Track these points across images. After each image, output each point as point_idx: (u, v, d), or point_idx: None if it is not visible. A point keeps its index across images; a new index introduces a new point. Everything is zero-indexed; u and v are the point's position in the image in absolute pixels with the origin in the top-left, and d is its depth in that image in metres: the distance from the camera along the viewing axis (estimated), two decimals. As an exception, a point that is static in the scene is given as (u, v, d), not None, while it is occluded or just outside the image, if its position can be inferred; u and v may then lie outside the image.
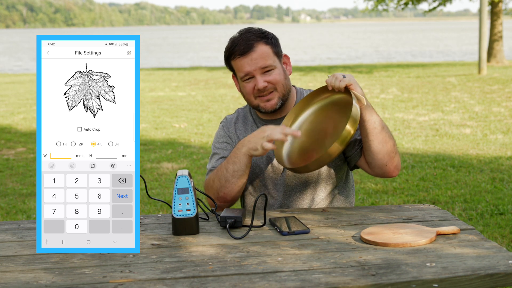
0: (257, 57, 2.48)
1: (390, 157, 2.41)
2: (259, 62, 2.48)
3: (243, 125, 2.65)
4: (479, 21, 17.03)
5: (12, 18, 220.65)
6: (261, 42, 2.50)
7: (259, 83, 2.48)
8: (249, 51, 2.48)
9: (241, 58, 2.50)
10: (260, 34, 2.52)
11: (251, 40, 2.49)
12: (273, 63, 2.50)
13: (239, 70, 2.53)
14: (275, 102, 2.52)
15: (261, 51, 2.49)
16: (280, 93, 2.53)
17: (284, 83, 2.54)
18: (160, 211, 5.30)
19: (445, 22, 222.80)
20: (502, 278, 1.72)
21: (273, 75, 2.50)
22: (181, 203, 2.14)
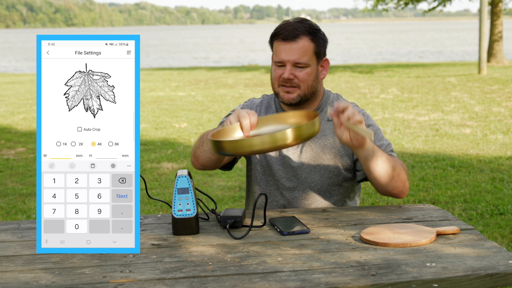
0: (296, 49, 2.48)
1: (391, 181, 2.37)
2: (295, 55, 2.48)
3: (265, 111, 2.65)
4: (479, 21, 17.03)
5: (12, 18, 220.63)
6: (307, 37, 2.49)
7: (285, 73, 2.49)
8: (291, 40, 2.48)
9: (282, 43, 2.50)
10: (310, 29, 2.51)
11: (299, 30, 2.49)
12: (308, 61, 2.50)
13: (275, 53, 2.53)
14: (293, 97, 2.52)
15: (302, 45, 2.49)
16: (302, 92, 2.52)
17: (310, 84, 2.52)
18: (160, 211, 5.30)
19: (445, 22, 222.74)
20: (502, 278, 1.72)
21: (303, 72, 2.50)
22: (181, 203, 2.14)
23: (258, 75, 19.15)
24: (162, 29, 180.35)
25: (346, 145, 2.23)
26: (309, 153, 2.56)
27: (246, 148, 2.02)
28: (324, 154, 2.55)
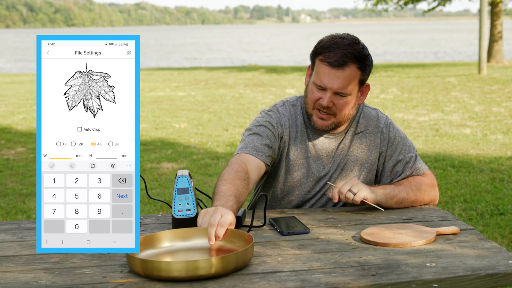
0: (342, 77, 2.35)
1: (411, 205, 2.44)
2: (339, 84, 2.36)
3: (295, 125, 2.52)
4: (479, 21, 17.03)
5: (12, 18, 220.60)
6: (355, 65, 2.36)
7: (325, 100, 2.38)
8: (338, 67, 2.34)
9: (327, 67, 2.36)
10: (360, 56, 2.37)
11: (349, 57, 2.34)
12: (351, 90, 2.39)
13: (318, 74, 2.39)
14: (327, 124, 2.44)
15: (349, 74, 2.36)
16: (337, 120, 2.43)
17: (348, 113, 2.43)
18: (160, 211, 5.30)
19: (445, 22, 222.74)
20: (502, 278, 1.72)
21: (342, 101, 2.39)
22: (181, 203, 2.14)
23: (258, 75, 19.15)
24: (162, 29, 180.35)
25: None
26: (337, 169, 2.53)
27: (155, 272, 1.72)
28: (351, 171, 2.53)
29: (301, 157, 2.51)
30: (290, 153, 2.51)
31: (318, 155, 2.51)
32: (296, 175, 2.51)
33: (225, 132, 9.05)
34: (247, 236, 1.87)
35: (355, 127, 2.54)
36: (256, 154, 2.38)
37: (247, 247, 1.77)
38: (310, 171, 2.51)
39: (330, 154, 2.52)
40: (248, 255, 1.78)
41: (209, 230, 1.89)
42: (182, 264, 1.68)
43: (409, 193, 2.42)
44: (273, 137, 2.46)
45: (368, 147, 2.53)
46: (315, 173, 2.51)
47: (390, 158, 2.53)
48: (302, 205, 2.54)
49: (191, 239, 1.95)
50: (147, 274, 1.73)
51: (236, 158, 2.35)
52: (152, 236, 1.94)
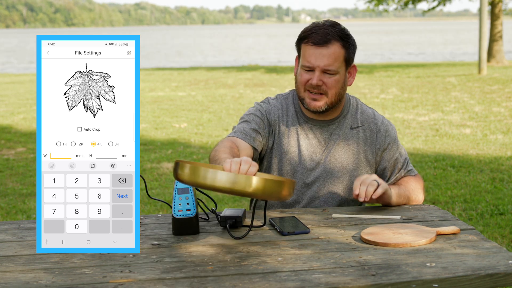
0: (327, 54, 2.41)
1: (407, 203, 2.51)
2: (325, 61, 2.41)
3: (286, 115, 2.56)
4: (479, 21, 17.03)
5: (12, 18, 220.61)
6: (339, 43, 2.42)
7: (314, 79, 2.42)
8: (323, 45, 2.41)
9: (312, 47, 2.42)
10: (342, 35, 2.44)
11: (331, 35, 2.41)
12: (338, 68, 2.43)
13: (304, 56, 2.45)
14: (320, 105, 2.46)
15: (334, 51, 2.42)
16: (329, 100, 2.46)
17: (338, 92, 2.47)
18: (160, 211, 5.30)
19: (445, 22, 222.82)
20: (502, 278, 1.72)
21: (331, 79, 2.44)
22: (181, 203, 2.14)
23: (258, 75, 19.15)
24: (162, 29, 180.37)
25: None
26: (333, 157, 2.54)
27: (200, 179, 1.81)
28: (346, 165, 2.54)
29: (293, 146, 2.54)
30: (282, 143, 2.55)
31: (311, 144, 2.54)
32: (289, 163, 2.54)
33: (225, 132, 9.05)
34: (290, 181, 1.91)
35: (351, 120, 2.56)
36: (244, 138, 2.45)
37: (289, 181, 1.85)
38: (302, 159, 2.53)
39: (322, 143, 2.54)
40: (289, 189, 1.84)
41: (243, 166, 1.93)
42: (229, 175, 1.77)
43: (411, 194, 2.49)
44: (262, 123, 2.52)
45: (364, 142, 2.55)
46: (307, 161, 2.53)
47: (389, 156, 2.57)
48: (301, 195, 2.54)
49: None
50: (193, 181, 1.81)
51: (226, 139, 2.43)
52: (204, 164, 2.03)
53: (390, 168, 2.57)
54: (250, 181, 1.78)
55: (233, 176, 1.79)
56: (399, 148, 2.60)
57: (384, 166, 2.57)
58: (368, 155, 2.55)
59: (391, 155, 2.57)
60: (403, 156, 2.59)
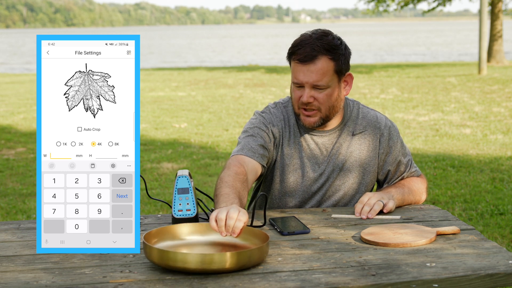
0: (315, 71, 2.35)
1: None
2: (313, 77, 2.36)
3: (287, 126, 2.51)
4: (479, 21, 17.03)
5: (12, 18, 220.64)
6: (325, 56, 2.35)
7: (304, 97, 2.38)
8: (309, 61, 2.35)
9: (299, 64, 2.37)
10: (330, 47, 2.37)
11: (317, 51, 2.34)
12: (327, 82, 2.38)
13: (293, 73, 2.41)
14: (314, 121, 2.43)
15: (321, 66, 2.35)
16: (324, 114, 2.42)
17: (331, 105, 2.42)
18: (160, 211, 5.30)
19: (445, 22, 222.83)
20: (502, 278, 1.72)
21: (322, 94, 2.38)
22: (181, 203, 2.14)
23: (258, 75, 19.15)
24: (162, 29, 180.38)
25: None
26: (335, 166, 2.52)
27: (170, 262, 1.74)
28: (350, 172, 2.52)
29: (296, 157, 2.51)
30: (284, 154, 2.51)
31: (313, 154, 2.51)
32: (292, 175, 2.51)
33: (225, 132, 9.05)
34: (263, 235, 1.89)
35: (353, 127, 2.52)
36: (252, 156, 2.39)
37: (263, 245, 1.80)
38: (305, 170, 2.51)
39: (325, 153, 2.51)
40: (263, 253, 1.81)
41: (228, 222, 1.88)
42: (198, 256, 1.71)
43: (415, 196, 2.50)
44: (267, 137, 2.46)
45: (367, 148, 2.53)
46: (310, 172, 2.51)
47: (392, 159, 2.55)
48: (301, 206, 2.54)
49: (208, 233, 1.98)
50: (163, 264, 1.75)
51: (233, 159, 2.36)
52: (170, 227, 1.96)
53: (393, 171, 2.56)
54: (224, 257, 1.72)
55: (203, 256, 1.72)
56: (402, 150, 2.57)
57: (387, 169, 2.55)
58: (372, 160, 2.53)
59: (393, 158, 2.54)
60: (406, 157, 2.57)
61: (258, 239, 1.91)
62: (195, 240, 1.97)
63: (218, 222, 1.90)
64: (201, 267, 1.72)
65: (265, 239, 1.87)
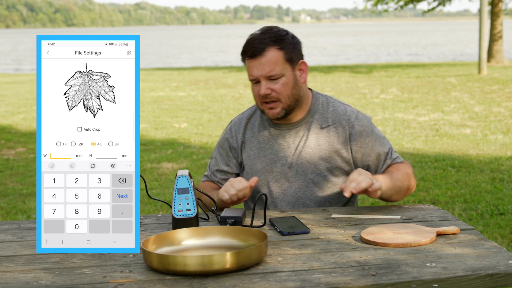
0: (265, 62, 2.42)
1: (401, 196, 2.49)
2: (265, 69, 2.42)
3: (252, 127, 2.61)
4: (479, 21, 17.03)
5: (12, 18, 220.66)
6: (274, 47, 2.43)
7: (261, 89, 2.44)
8: (258, 55, 2.42)
9: (251, 60, 2.44)
10: (276, 38, 2.44)
11: (264, 43, 2.42)
12: (281, 71, 2.43)
13: (248, 71, 2.48)
14: (277, 112, 2.47)
15: (271, 56, 2.42)
16: (285, 104, 2.46)
17: (290, 93, 2.46)
18: (160, 211, 5.30)
19: (445, 22, 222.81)
20: (502, 278, 1.72)
21: (278, 84, 2.44)
22: (181, 203, 2.14)
23: (258, 75, 19.12)
24: (162, 29, 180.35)
25: None
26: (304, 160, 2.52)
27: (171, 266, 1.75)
28: (320, 164, 2.52)
29: (262, 156, 2.56)
30: (250, 156, 2.58)
31: (281, 148, 2.54)
32: (262, 172, 2.55)
33: (225, 132, 9.05)
34: (261, 234, 1.91)
35: (321, 120, 2.54)
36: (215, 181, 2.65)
37: (261, 244, 1.80)
38: (274, 166, 2.54)
39: (292, 146, 2.53)
40: (262, 251, 1.81)
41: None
42: (198, 258, 1.72)
43: (403, 182, 2.44)
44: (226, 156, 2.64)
45: (337, 141, 2.51)
46: (279, 167, 2.53)
47: (369, 151, 2.51)
48: (281, 202, 2.54)
49: (207, 237, 1.99)
50: (163, 269, 1.75)
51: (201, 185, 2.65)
52: (169, 233, 1.97)
53: (374, 164, 2.52)
54: (224, 258, 1.73)
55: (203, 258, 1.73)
56: (378, 140, 2.53)
57: (367, 163, 2.52)
58: (343, 153, 2.51)
59: (370, 149, 2.51)
60: (385, 147, 2.53)
61: (256, 239, 1.92)
62: (193, 244, 1.97)
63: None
64: (201, 269, 1.72)
65: (263, 238, 1.88)
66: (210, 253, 1.89)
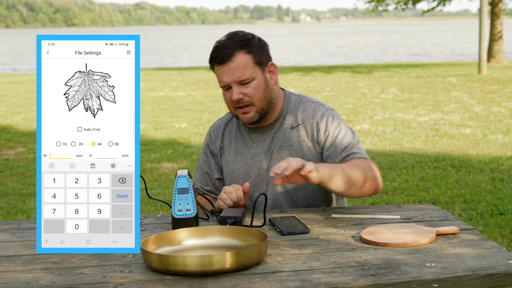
0: (235, 67, 2.40)
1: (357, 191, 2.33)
2: (235, 74, 2.41)
3: (229, 133, 2.62)
4: (479, 21, 17.03)
5: (12, 18, 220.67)
6: (241, 51, 2.41)
7: (233, 95, 2.42)
8: (227, 60, 2.41)
9: (220, 66, 2.43)
10: (243, 42, 2.43)
11: (232, 48, 2.41)
12: (251, 74, 2.42)
13: (218, 78, 2.47)
14: (252, 116, 2.46)
15: (239, 61, 2.40)
16: (258, 107, 2.45)
17: (263, 96, 2.45)
18: (160, 211, 5.30)
19: (445, 22, 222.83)
20: (502, 278, 1.72)
21: (250, 87, 2.42)
22: (181, 203, 2.14)
23: (258, 75, 19.13)
24: (162, 29, 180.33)
25: None
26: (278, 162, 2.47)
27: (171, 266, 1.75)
28: None
29: (239, 161, 2.56)
30: (228, 162, 2.59)
31: (256, 152, 2.54)
32: (240, 178, 2.56)
33: (225, 132, 9.05)
34: (261, 234, 1.91)
35: (292, 120, 2.53)
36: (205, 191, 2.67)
37: (261, 244, 1.80)
38: (251, 170, 2.54)
39: (266, 149, 2.53)
40: (262, 251, 1.82)
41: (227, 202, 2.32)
42: (197, 258, 1.72)
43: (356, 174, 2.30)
44: (208, 162, 2.65)
45: (307, 139, 2.50)
46: (255, 171, 2.53)
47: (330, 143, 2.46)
48: (261, 206, 2.52)
49: (207, 237, 1.99)
50: (163, 269, 1.75)
51: None
52: (169, 233, 1.97)
53: (332, 154, 2.45)
54: (224, 258, 1.73)
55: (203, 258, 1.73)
56: (341, 133, 2.46)
57: (328, 154, 2.47)
58: (313, 151, 2.49)
59: (331, 141, 2.46)
60: (346, 139, 2.45)
61: (256, 239, 1.92)
62: (193, 244, 1.97)
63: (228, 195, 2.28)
64: (201, 269, 1.72)
65: (263, 238, 1.88)
66: (210, 253, 1.90)
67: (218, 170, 2.64)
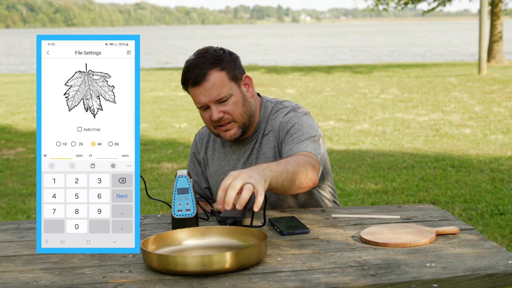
0: (211, 87, 2.35)
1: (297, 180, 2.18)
2: (212, 93, 2.35)
3: (213, 144, 2.60)
4: (479, 21, 17.03)
5: (12, 18, 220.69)
6: (215, 69, 2.35)
7: (214, 115, 2.37)
8: (201, 81, 2.34)
9: (195, 88, 2.37)
10: (215, 59, 2.37)
11: (205, 68, 2.35)
12: (228, 91, 2.37)
13: (194, 99, 2.41)
14: (234, 132, 2.42)
15: (215, 79, 2.35)
16: (240, 122, 2.41)
17: (242, 111, 2.41)
18: (160, 211, 5.30)
19: (445, 22, 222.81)
20: (502, 278, 1.72)
21: (228, 104, 2.38)
22: (181, 203, 2.14)
23: (258, 75, 19.16)
24: (162, 29, 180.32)
25: None
26: None
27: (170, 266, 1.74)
28: None
29: (221, 173, 2.56)
30: (212, 171, 2.59)
31: (236, 164, 2.53)
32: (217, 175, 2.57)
33: (225, 132, 9.05)
34: (260, 234, 1.90)
35: (264, 128, 2.51)
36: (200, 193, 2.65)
37: (261, 244, 1.80)
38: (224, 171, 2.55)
39: (245, 161, 2.52)
40: (262, 251, 1.81)
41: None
42: (197, 258, 1.72)
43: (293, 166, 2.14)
44: (198, 166, 2.64)
45: (277, 143, 2.47)
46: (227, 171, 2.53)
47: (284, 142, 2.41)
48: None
49: (207, 237, 1.98)
50: (163, 269, 1.75)
51: None
52: (168, 233, 1.97)
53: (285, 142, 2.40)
54: (224, 258, 1.73)
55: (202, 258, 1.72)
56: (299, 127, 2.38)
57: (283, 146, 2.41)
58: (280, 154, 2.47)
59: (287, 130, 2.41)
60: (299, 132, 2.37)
61: (256, 239, 1.92)
62: (193, 244, 1.97)
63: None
64: (201, 269, 1.72)
65: (263, 238, 1.88)
66: (210, 253, 1.90)
67: (205, 179, 2.65)
